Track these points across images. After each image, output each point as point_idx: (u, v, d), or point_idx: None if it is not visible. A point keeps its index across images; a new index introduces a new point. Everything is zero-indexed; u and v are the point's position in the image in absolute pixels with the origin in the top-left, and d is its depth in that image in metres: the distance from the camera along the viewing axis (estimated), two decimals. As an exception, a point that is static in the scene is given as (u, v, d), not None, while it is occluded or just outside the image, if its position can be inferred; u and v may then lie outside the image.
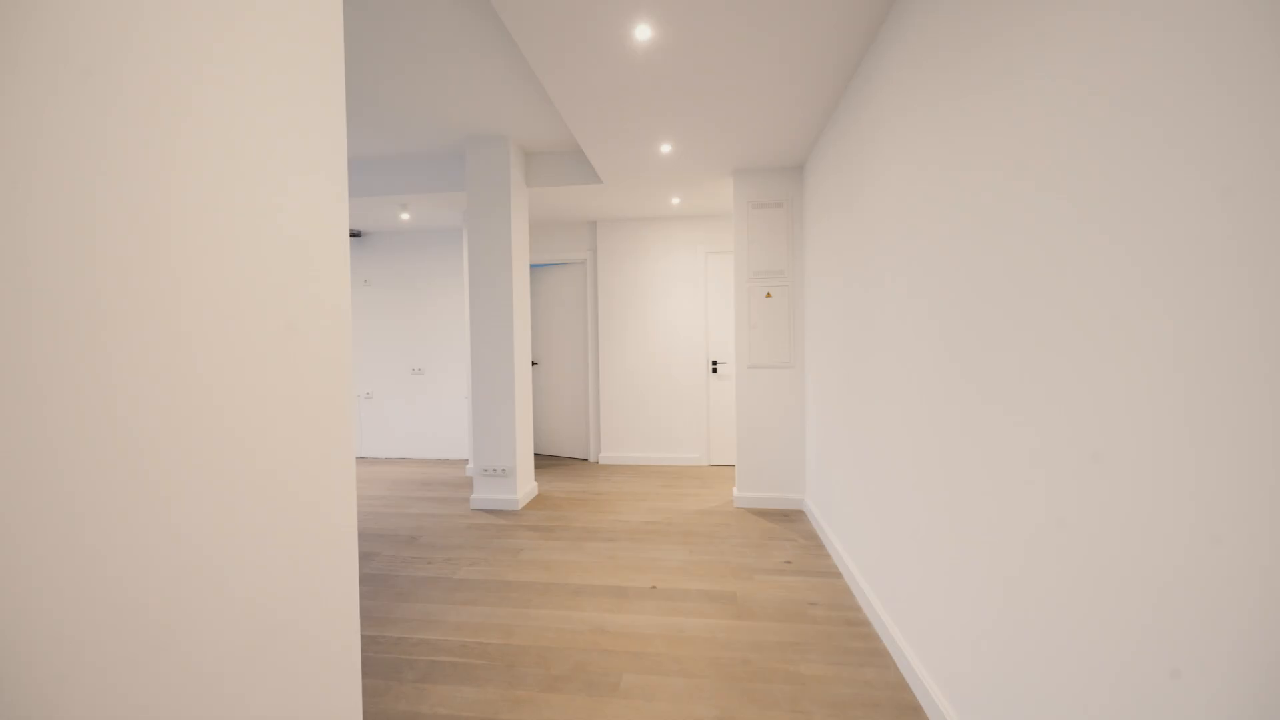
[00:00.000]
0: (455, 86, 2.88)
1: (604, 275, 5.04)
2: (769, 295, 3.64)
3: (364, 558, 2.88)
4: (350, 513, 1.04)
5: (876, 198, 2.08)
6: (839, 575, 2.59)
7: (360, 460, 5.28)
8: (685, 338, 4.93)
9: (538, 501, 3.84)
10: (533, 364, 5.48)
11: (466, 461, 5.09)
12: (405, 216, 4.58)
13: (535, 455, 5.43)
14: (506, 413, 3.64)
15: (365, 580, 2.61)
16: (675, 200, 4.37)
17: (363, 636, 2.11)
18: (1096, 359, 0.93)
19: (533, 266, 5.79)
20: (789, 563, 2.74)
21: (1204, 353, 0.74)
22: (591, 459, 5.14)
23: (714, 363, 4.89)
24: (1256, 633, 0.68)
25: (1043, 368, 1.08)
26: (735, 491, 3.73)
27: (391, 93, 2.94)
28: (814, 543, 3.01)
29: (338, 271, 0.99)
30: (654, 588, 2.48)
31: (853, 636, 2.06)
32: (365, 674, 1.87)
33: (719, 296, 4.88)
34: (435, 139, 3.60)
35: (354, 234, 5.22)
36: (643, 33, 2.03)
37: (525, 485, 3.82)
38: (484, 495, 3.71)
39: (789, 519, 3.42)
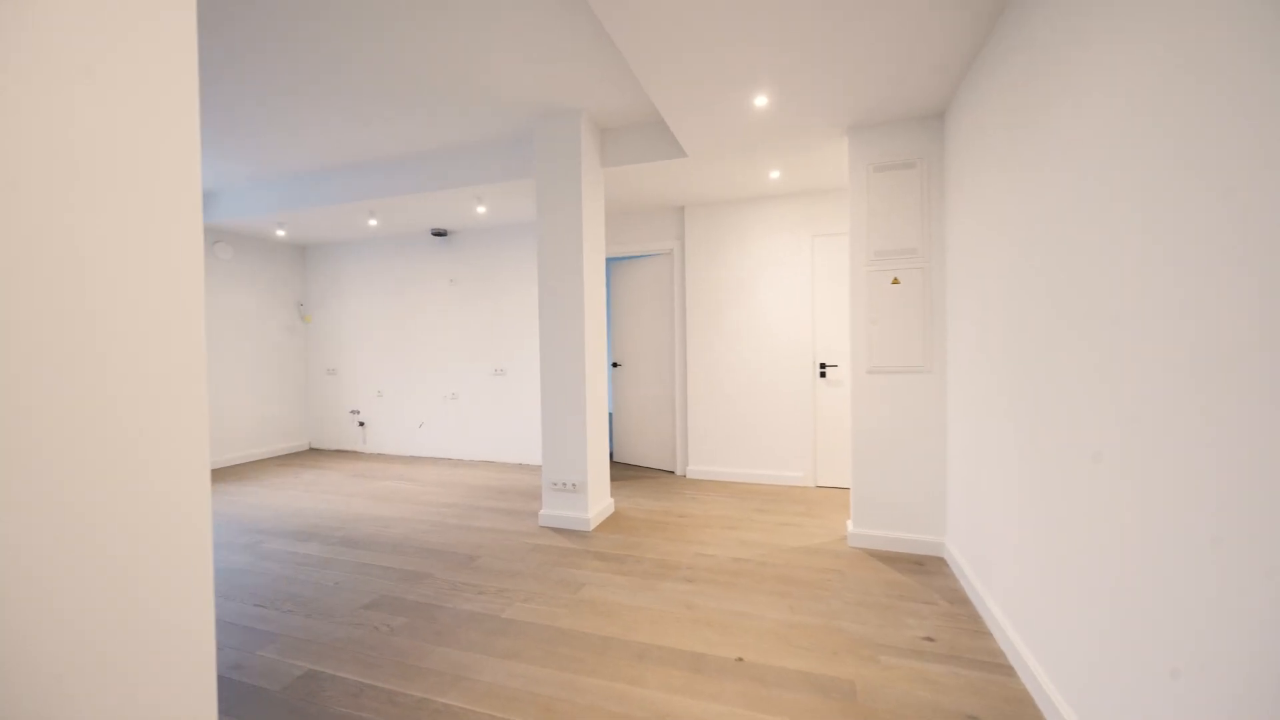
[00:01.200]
0: (520, 54, 2.52)
1: (693, 266, 4.49)
2: (896, 281, 2.87)
3: (415, 579, 2.60)
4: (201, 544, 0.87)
5: (1099, 112, 1.33)
6: (1008, 669, 1.82)
7: (445, 462, 5.21)
8: (787, 336, 4.23)
9: (612, 522, 3.40)
10: (614, 365, 5.08)
11: (546, 468, 4.81)
12: (481, 210, 4.38)
13: (616, 465, 5.02)
14: (576, 422, 3.23)
15: (408, 609, 2.31)
16: (774, 174, 3.71)
17: (381, 690, 1.77)
18: None
19: (615, 260, 5.41)
20: (929, 640, 2.01)
21: None
22: (678, 472, 4.61)
23: (822, 366, 4.14)
24: None
25: None
26: (849, 526, 3.00)
27: (454, 70, 2.65)
28: (964, 609, 2.23)
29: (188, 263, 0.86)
30: (740, 660, 1.90)
31: (1049, 792, 1.33)
32: (366, 753, 1.51)
33: (829, 287, 4.12)
34: (504, 120, 3.29)
35: (440, 233, 5.17)
36: (723, -89, 1.48)
37: (598, 503, 3.39)
38: (553, 512, 3.33)
39: (924, 569, 2.64)
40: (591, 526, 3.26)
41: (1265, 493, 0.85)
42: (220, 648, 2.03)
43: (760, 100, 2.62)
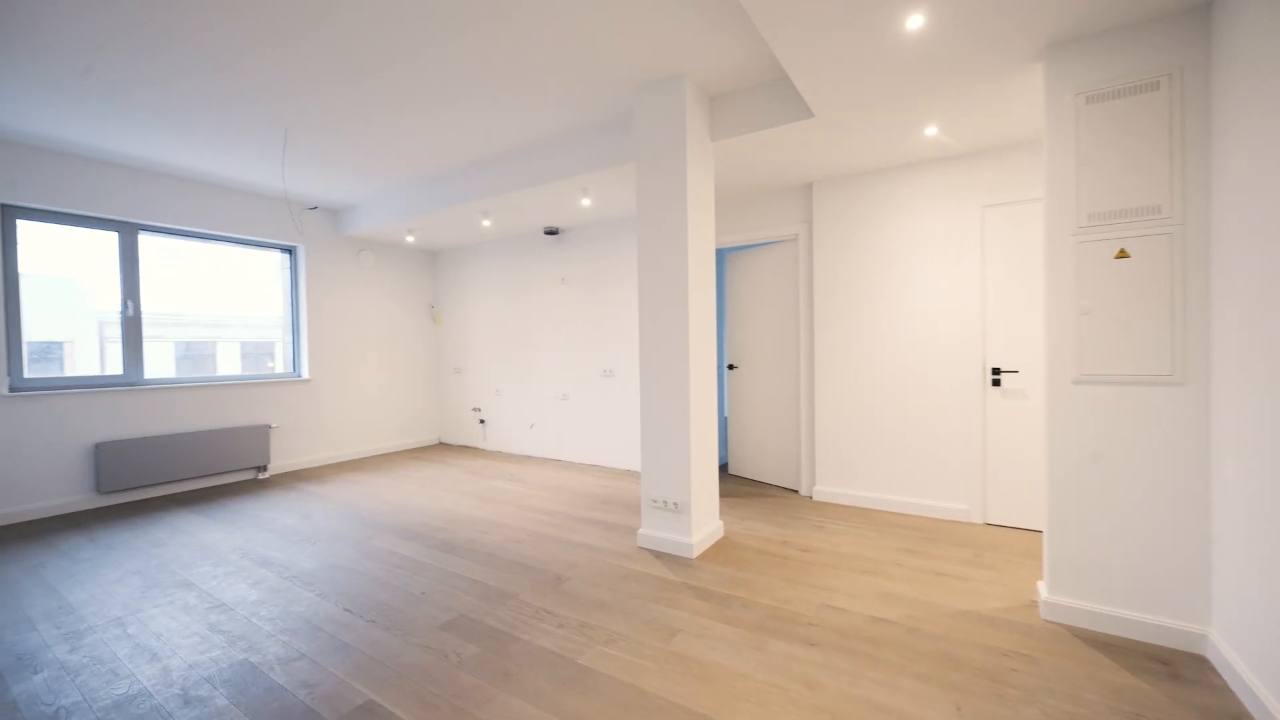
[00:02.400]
0: (619, 22, 2.19)
1: (822, 253, 3.84)
2: (1123, 254, 2.04)
3: (499, 598, 2.40)
4: None
5: None
6: None
7: (554, 463, 5.13)
8: (945, 333, 3.40)
9: (719, 549, 2.93)
10: (730, 367, 4.57)
11: (654, 478, 4.47)
12: (586, 202, 4.17)
13: (730, 478, 4.51)
14: (679, 433, 2.82)
15: (483, 636, 2.08)
16: (930, 130, 2.95)
17: (431, 745, 1.53)
18: None
19: (728, 250, 4.92)
20: (1209, 811, 1.27)
21: None
22: (802, 492, 3.98)
23: (995, 371, 3.25)
24: None
25: None
26: (1042, 590, 2.21)
27: (548, 46, 2.41)
28: (1263, 760, 1.41)
29: None
30: (882, 788, 1.35)
31: None
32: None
33: (1005, 271, 3.23)
34: (601, 100, 3.01)
35: (551, 231, 5.10)
36: None
37: (704, 526, 2.95)
38: (652, 532, 2.96)
39: (1172, 672, 1.80)
40: (694, 554, 2.83)
41: None
42: (299, 656, 1.97)
43: (914, 20, 1.99)
